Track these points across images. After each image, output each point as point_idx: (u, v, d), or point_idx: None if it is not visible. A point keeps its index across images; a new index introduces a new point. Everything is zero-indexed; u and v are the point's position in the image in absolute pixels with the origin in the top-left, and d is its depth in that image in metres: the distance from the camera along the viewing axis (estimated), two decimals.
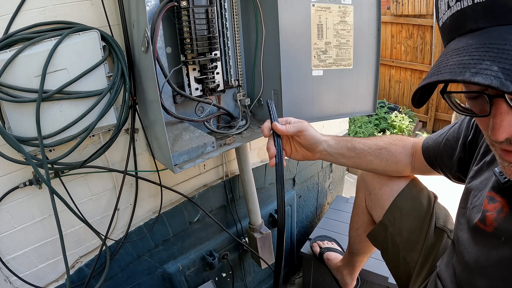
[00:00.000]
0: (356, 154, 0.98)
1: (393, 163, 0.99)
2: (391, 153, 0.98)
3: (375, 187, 1.07)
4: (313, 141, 0.93)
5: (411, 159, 0.98)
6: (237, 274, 1.59)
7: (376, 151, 0.98)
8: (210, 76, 1.05)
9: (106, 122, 0.91)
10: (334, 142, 0.97)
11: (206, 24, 0.97)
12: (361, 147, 0.98)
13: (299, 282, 1.94)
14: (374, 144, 0.99)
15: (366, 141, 0.99)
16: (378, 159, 0.98)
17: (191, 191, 1.30)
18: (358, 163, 1.00)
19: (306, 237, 1.76)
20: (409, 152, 0.98)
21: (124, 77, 0.91)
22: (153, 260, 1.28)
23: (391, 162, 0.99)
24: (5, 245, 0.93)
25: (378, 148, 0.98)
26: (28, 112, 0.80)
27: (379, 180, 1.05)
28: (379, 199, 1.05)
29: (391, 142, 1.00)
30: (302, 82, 1.17)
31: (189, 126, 1.06)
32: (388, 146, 0.99)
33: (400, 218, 0.98)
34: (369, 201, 1.11)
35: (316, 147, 0.95)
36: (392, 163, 0.99)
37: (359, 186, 1.16)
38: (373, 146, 0.98)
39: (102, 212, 1.09)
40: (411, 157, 0.98)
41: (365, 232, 1.13)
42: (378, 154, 0.98)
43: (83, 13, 0.88)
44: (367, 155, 0.98)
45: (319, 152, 0.96)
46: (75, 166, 0.93)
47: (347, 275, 1.41)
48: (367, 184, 1.10)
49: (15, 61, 0.76)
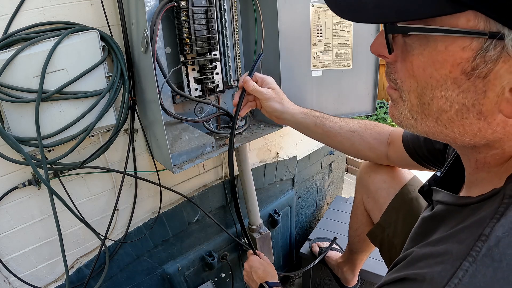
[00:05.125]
0: (323, 132, 0.95)
1: (366, 149, 0.96)
2: (363, 139, 0.95)
3: (372, 190, 1.07)
4: (273, 111, 0.95)
5: (387, 148, 0.95)
6: (236, 274, 1.59)
7: (348, 133, 0.94)
8: (209, 76, 1.05)
9: (106, 122, 0.91)
10: (301, 116, 0.95)
11: (206, 25, 0.97)
12: (331, 126, 0.95)
13: (299, 282, 1.94)
14: (347, 126, 0.95)
15: (339, 121, 0.96)
16: (349, 142, 0.95)
17: (191, 191, 1.30)
18: (326, 141, 0.97)
19: (305, 238, 1.77)
20: (385, 140, 0.94)
21: (124, 77, 0.91)
22: (153, 260, 1.28)
23: (364, 148, 0.96)
24: (4, 246, 0.93)
25: (350, 130, 0.95)
26: (27, 112, 0.80)
27: (376, 183, 1.05)
28: (376, 202, 1.05)
29: (366, 126, 0.96)
30: (301, 82, 1.18)
31: (188, 127, 1.06)
32: (361, 131, 0.95)
33: (396, 220, 0.98)
34: (367, 203, 1.12)
35: (279, 116, 0.95)
36: (365, 149, 0.96)
37: (358, 188, 1.17)
38: (345, 127, 0.95)
39: (102, 213, 1.09)
40: (386, 146, 0.94)
41: (364, 232, 1.13)
42: (350, 137, 0.94)
43: (83, 13, 0.88)
44: (337, 135, 0.95)
45: (283, 119, 0.97)
46: (75, 167, 0.93)
47: (348, 271, 1.41)
48: (365, 187, 1.11)
49: (14, 61, 0.76)
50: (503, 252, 0.37)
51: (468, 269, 0.38)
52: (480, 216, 0.41)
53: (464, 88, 0.37)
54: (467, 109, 0.39)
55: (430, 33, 0.36)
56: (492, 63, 0.34)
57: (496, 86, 0.36)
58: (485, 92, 0.37)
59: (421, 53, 0.39)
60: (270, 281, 1.04)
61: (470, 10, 0.33)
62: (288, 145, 1.65)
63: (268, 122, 1.25)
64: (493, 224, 0.39)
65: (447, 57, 0.36)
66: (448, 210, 0.50)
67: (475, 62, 0.35)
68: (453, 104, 0.39)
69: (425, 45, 0.38)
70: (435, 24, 0.36)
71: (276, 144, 1.58)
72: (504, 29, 0.32)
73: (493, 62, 0.34)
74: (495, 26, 0.32)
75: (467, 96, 0.38)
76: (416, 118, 0.44)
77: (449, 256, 0.41)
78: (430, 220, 0.53)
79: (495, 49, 0.34)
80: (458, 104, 0.39)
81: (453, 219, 0.47)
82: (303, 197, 1.93)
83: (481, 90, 0.37)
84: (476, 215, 0.42)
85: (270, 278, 1.06)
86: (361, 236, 1.21)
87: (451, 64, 0.37)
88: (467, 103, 0.38)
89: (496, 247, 0.38)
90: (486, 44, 0.34)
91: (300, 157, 1.75)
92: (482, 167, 0.47)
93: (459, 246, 0.40)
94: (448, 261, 0.40)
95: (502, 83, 0.35)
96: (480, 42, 0.34)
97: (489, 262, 0.37)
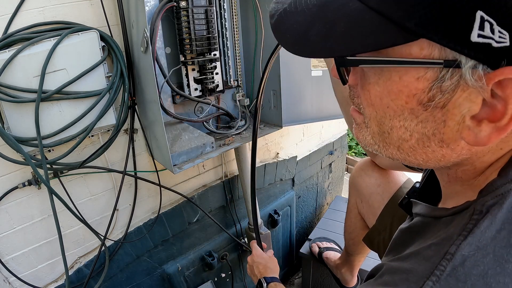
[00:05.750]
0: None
1: None
2: None
3: (366, 195, 1.07)
4: None
5: None
6: (236, 274, 1.59)
7: None
8: (209, 76, 1.05)
9: (105, 122, 0.91)
10: None
11: (206, 25, 0.97)
12: None
13: (298, 282, 1.94)
14: None
15: None
16: None
17: (191, 191, 1.30)
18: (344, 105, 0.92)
19: (305, 238, 1.77)
20: None
21: (123, 77, 0.91)
22: (152, 260, 1.28)
23: None
24: (4, 246, 0.93)
25: None
26: (27, 112, 0.80)
27: (370, 187, 1.05)
28: (371, 206, 1.05)
29: None
30: (301, 82, 1.18)
31: (188, 127, 1.06)
32: None
33: (391, 223, 0.98)
34: (361, 208, 1.12)
35: None
36: None
37: (351, 192, 1.17)
38: None
39: (101, 213, 1.08)
40: None
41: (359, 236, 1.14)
42: None
43: (82, 13, 0.88)
44: None
45: None
46: (74, 166, 0.93)
47: (346, 272, 1.41)
48: (358, 191, 1.11)
49: (14, 61, 0.76)
50: (468, 272, 0.35)
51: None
52: (448, 233, 0.40)
53: (422, 118, 0.35)
54: (427, 138, 0.37)
55: (380, 65, 0.34)
56: (449, 93, 0.32)
57: (456, 115, 0.33)
58: (444, 121, 0.35)
59: (376, 82, 0.37)
60: (268, 277, 1.05)
61: (423, 38, 0.30)
62: (288, 145, 1.65)
63: (268, 122, 1.25)
64: (459, 241, 0.37)
65: (402, 88, 0.34)
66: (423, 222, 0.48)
67: (431, 93, 0.33)
68: (413, 134, 0.37)
69: (380, 74, 0.36)
70: (387, 54, 0.33)
71: (276, 144, 1.58)
72: (460, 57, 0.29)
73: (451, 92, 0.32)
74: (451, 54, 0.30)
75: (427, 126, 0.36)
76: (378, 145, 0.42)
77: (414, 274, 0.39)
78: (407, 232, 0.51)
79: (451, 78, 0.31)
80: (418, 133, 0.37)
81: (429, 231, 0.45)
82: (303, 197, 1.93)
83: (440, 120, 0.35)
84: (445, 231, 0.41)
85: (270, 273, 1.07)
86: (355, 239, 1.21)
87: (406, 95, 0.34)
88: (427, 133, 0.36)
89: (461, 267, 0.36)
90: (442, 73, 0.31)
91: (300, 157, 1.75)
92: (455, 181, 0.45)
93: (425, 263, 0.39)
94: (412, 279, 0.39)
95: (462, 112, 0.33)
96: (435, 71, 0.32)
97: (454, 283, 0.36)
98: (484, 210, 0.37)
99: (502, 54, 0.28)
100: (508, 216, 0.36)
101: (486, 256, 0.36)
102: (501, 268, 0.35)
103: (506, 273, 0.35)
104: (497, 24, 0.26)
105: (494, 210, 0.37)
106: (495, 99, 0.31)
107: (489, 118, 0.32)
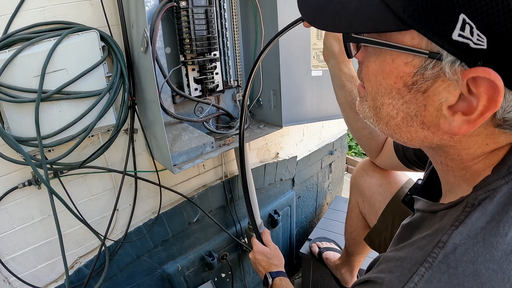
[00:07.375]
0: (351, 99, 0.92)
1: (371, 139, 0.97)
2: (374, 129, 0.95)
3: (368, 195, 1.07)
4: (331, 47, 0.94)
5: (382, 146, 0.97)
6: (236, 274, 1.59)
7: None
8: (209, 76, 1.05)
9: (105, 122, 0.91)
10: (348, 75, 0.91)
11: (206, 25, 0.97)
12: None
13: (298, 282, 1.94)
14: None
15: None
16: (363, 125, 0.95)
17: (191, 191, 1.30)
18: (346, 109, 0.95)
19: (305, 238, 1.77)
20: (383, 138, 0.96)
21: (123, 77, 0.91)
22: (152, 260, 1.28)
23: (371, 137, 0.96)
24: (4, 246, 0.93)
25: None
26: (27, 112, 0.80)
27: (372, 187, 1.06)
28: (372, 206, 1.06)
29: None
30: (301, 82, 1.18)
31: (188, 127, 1.06)
32: None
33: (392, 223, 0.98)
34: (362, 207, 1.12)
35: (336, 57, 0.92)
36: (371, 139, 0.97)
37: (352, 192, 1.17)
38: None
39: (101, 213, 1.08)
40: (382, 144, 0.96)
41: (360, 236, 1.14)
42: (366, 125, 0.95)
43: (82, 13, 0.88)
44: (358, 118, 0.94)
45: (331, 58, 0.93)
46: (74, 167, 0.93)
47: (346, 272, 1.41)
48: (360, 191, 1.11)
49: (14, 61, 0.76)
50: (459, 259, 0.38)
51: (424, 274, 0.39)
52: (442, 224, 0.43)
53: (406, 99, 0.40)
54: (411, 118, 0.41)
55: (377, 46, 0.39)
56: (430, 81, 0.37)
57: (435, 102, 0.38)
58: (425, 105, 0.39)
59: (374, 61, 0.42)
60: (273, 271, 1.06)
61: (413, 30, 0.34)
62: (288, 145, 1.65)
63: (268, 122, 1.25)
64: (451, 231, 0.40)
65: (392, 69, 0.39)
66: (422, 217, 0.51)
67: (415, 77, 0.37)
68: (399, 112, 0.42)
69: (378, 55, 0.41)
70: (385, 38, 0.38)
71: (276, 144, 1.58)
72: (443, 51, 0.34)
73: (432, 80, 0.36)
74: (435, 47, 0.34)
75: (410, 107, 0.40)
76: (373, 118, 0.47)
77: (408, 261, 0.42)
78: (408, 227, 0.54)
79: (433, 68, 0.36)
80: (403, 112, 0.41)
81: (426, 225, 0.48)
82: (303, 197, 1.93)
83: (422, 103, 0.39)
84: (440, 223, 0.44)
85: (274, 268, 1.08)
86: (356, 239, 1.21)
87: (395, 76, 0.39)
88: (410, 113, 0.41)
89: (452, 254, 0.39)
90: (426, 62, 0.36)
91: (300, 157, 1.75)
92: (447, 170, 0.48)
93: (419, 251, 0.42)
94: (406, 265, 0.42)
95: (440, 100, 0.37)
96: (421, 60, 0.36)
97: (445, 269, 0.38)
98: (476, 203, 0.40)
99: (479, 55, 0.31)
100: (498, 208, 0.39)
101: (476, 244, 0.38)
102: (490, 255, 0.37)
103: (495, 260, 0.37)
104: (476, 28, 0.30)
105: (485, 203, 0.40)
106: (472, 95, 0.35)
107: (464, 111, 0.36)
